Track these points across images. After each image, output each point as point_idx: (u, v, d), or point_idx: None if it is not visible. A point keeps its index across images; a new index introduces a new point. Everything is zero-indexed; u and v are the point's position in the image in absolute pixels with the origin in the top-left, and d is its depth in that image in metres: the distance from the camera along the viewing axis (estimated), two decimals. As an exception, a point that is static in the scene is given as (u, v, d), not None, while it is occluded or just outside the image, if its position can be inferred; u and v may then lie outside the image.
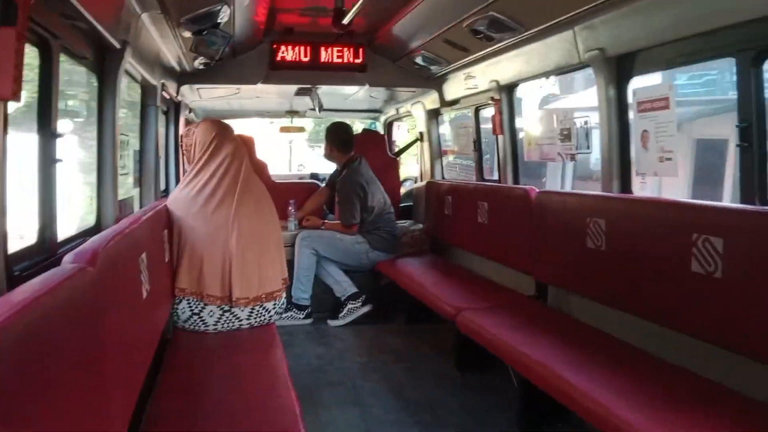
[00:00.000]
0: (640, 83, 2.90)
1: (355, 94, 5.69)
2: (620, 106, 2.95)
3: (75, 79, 2.96)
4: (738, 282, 2.10)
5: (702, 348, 2.28)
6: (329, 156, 4.97)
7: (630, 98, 2.90)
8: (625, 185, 2.97)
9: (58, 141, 2.19)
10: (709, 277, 2.19)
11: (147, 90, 3.65)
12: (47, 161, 2.14)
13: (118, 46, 2.56)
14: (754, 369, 2.07)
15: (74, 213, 3.24)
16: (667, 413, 1.96)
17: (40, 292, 1.21)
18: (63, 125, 2.24)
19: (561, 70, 3.44)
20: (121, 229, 2.02)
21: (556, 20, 2.99)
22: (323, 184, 5.36)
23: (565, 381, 2.23)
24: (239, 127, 6.18)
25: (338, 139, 4.88)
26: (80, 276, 1.44)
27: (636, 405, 2.00)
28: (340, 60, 4.67)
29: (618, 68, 2.93)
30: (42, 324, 1.16)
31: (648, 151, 2.75)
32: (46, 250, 2.09)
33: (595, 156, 3.15)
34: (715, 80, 12.05)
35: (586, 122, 3.30)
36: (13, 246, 1.81)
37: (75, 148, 3.06)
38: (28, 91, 2.05)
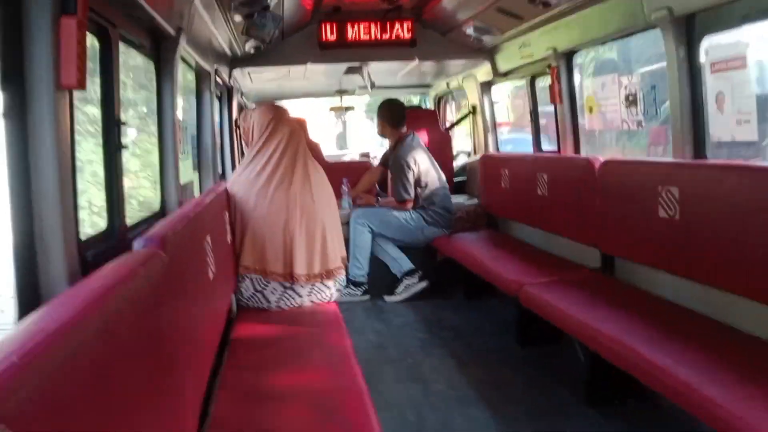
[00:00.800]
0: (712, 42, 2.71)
1: (404, 69, 5.60)
2: (691, 68, 2.77)
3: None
4: None
5: None
6: (382, 133, 4.96)
7: (702, 58, 2.72)
8: (699, 151, 2.80)
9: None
10: None
11: (201, 75, 3.69)
12: (112, 148, 2.19)
13: (173, 33, 2.58)
14: None
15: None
16: (752, 389, 1.85)
17: (116, 278, 1.23)
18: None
19: (623, 33, 3.26)
20: (186, 212, 2.05)
21: None
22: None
23: (641, 356, 2.14)
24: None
25: (389, 115, 4.84)
26: (152, 261, 1.46)
27: (718, 380, 1.90)
28: (388, 36, 4.60)
29: (687, 28, 2.75)
30: (120, 308, 1.18)
31: (724, 113, 2.58)
32: (116, 236, 2.14)
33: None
34: None
35: (653, 86, 3.12)
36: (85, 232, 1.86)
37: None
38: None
